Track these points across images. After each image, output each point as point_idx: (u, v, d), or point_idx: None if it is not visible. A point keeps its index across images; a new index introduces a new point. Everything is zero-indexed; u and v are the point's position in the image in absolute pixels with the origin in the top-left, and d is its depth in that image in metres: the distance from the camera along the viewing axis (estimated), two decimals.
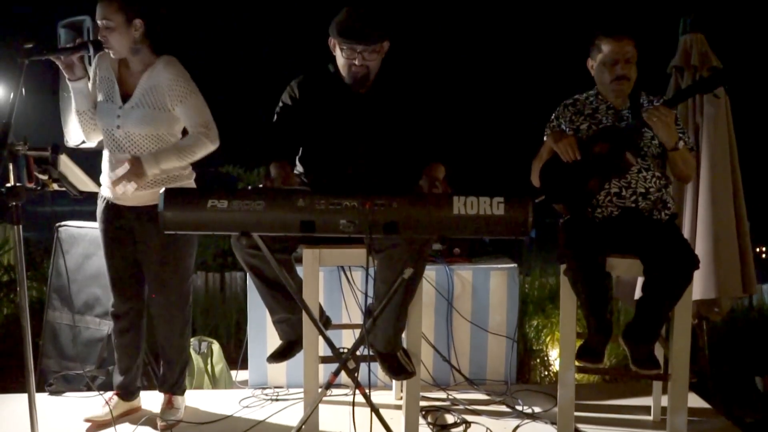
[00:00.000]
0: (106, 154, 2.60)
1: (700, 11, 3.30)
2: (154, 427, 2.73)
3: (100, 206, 2.68)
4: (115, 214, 2.61)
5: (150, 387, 3.08)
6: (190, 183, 2.66)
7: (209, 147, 2.55)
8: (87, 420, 2.71)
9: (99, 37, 2.47)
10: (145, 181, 2.46)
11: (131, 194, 2.47)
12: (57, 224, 3.30)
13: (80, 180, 2.48)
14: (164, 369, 2.80)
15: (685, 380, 2.53)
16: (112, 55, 2.52)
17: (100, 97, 2.57)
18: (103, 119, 2.55)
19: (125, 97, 2.53)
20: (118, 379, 2.82)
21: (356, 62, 2.49)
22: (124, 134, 2.52)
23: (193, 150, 2.51)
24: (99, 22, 2.46)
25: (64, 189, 2.60)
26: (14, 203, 2.16)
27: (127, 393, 2.83)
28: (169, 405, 2.80)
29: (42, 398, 2.99)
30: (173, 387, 2.81)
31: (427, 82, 2.71)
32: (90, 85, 2.58)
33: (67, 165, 2.36)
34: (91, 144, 2.68)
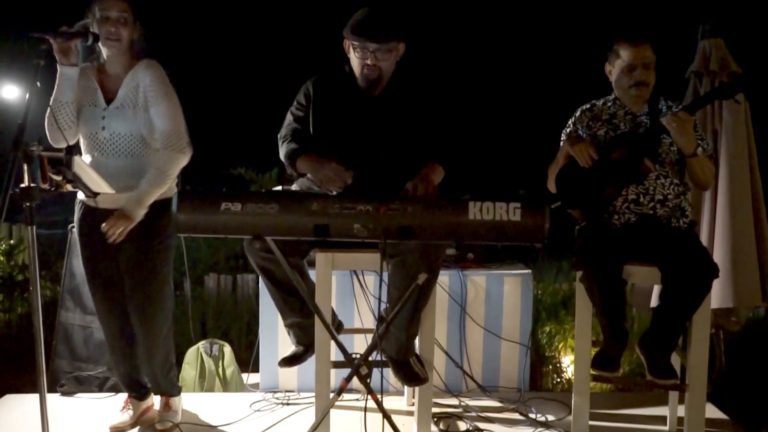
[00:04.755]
0: (86, 159, 2.57)
1: (719, 16, 3.26)
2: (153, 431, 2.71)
3: (79, 213, 2.64)
4: (99, 219, 2.56)
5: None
6: (173, 189, 2.65)
7: (182, 161, 2.56)
8: (114, 429, 2.70)
9: (110, 30, 2.46)
10: (132, 224, 2.46)
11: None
12: (70, 225, 3.30)
13: (94, 181, 2.46)
14: (154, 373, 2.75)
15: (702, 391, 2.49)
16: (108, 49, 2.50)
17: (81, 105, 2.55)
18: (87, 124, 2.54)
19: (108, 100, 2.54)
20: (129, 383, 2.79)
21: (369, 62, 2.47)
22: (108, 135, 2.52)
23: (168, 172, 2.52)
24: (110, 13, 2.45)
25: (77, 190, 2.60)
26: (28, 204, 2.16)
27: (142, 393, 2.82)
28: (166, 408, 2.79)
29: (53, 399, 2.99)
30: (168, 389, 2.79)
31: (441, 87, 2.69)
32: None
33: (80, 166, 2.35)
34: (56, 145, 2.51)
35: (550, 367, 3.88)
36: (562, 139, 2.81)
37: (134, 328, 2.66)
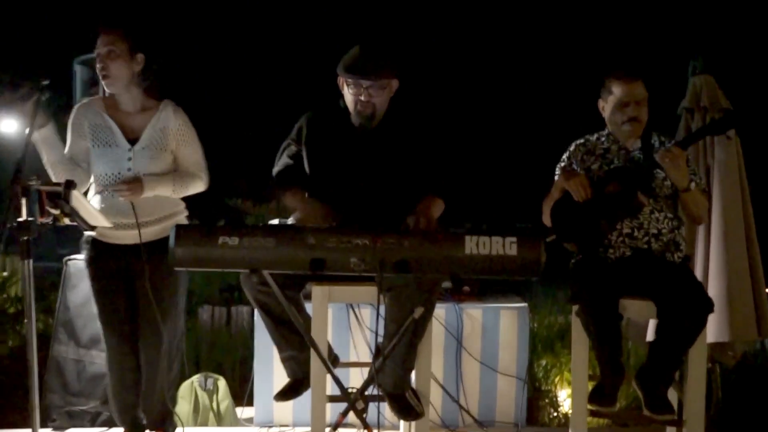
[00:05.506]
0: (99, 198, 2.58)
1: (709, 53, 3.32)
2: None
3: (90, 251, 2.63)
4: (111, 255, 2.59)
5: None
6: (184, 219, 2.69)
7: (200, 186, 2.67)
8: None
9: (98, 65, 2.48)
10: (137, 197, 2.50)
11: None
12: (66, 258, 3.30)
13: (91, 214, 2.48)
14: (154, 405, 2.71)
15: (700, 426, 2.48)
16: (106, 87, 2.53)
17: (94, 146, 2.55)
18: (108, 163, 2.54)
19: (130, 139, 2.55)
20: (126, 417, 2.75)
21: (362, 98, 2.50)
22: (134, 176, 2.53)
23: (187, 184, 2.62)
24: (99, 49, 2.47)
25: (75, 224, 2.60)
26: (25, 238, 2.16)
27: (136, 428, 2.77)
28: None
29: None
30: (164, 423, 2.76)
31: (435, 120, 2.73)
32: (72, 138, 2.56)
33: (78, 200, 2.36)
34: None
35: (547, 401, 3.84)
36: (556, 173, 2.84)
37: (144, 361, 2.65)
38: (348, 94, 2.55)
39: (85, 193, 2.58)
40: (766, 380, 3.92)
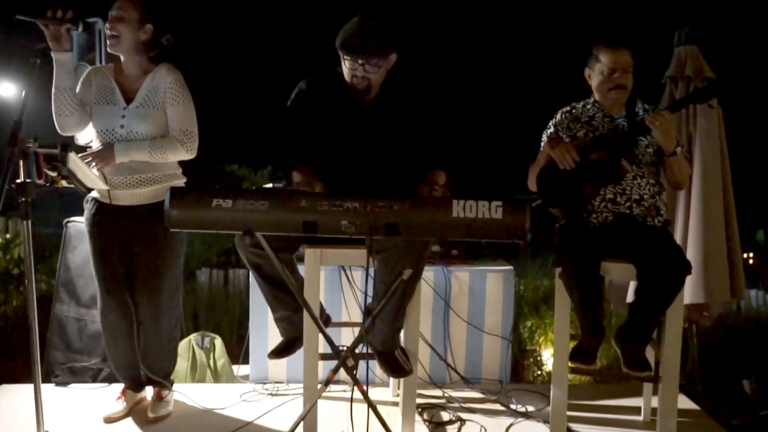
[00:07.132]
0: None
1: (695, 24, 3.36)
2: (145, 420, 2.77)
3: (91, 210, 2.70)
4: (110, 215, 2.65)
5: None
6: (181, 184, 2.73)
7: (181, 153, 2.64)
8: (107, 419, 2.75)
9: (108, 26, 2.55)
10: (110, 166, 2.57)
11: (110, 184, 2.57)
12: (66, 220, 3.37)
13: (88, 177, 2.54)
14: (152, 364, 2.80)
15: (675, 382, 2.57)
16: (109, 48, 2.60)
17: (96, 102, 2.63)
18: (103, 120, 2.61)
19: (128, 99, 2.62)
20: (123, 375, 2.86)
21: (357, 74, 2.53)
22: (125, 134, 2.59)
23: (164, 149, 2.60)
24: (113, 12, 2.54)
25: (72, 186, 2.67)
26: (24, 199, 2.23)
27: (137, 385, 2.89)
28: (158, 398, 2.84)
29: (48, 389, 3.05)
30: (163, 383, 2.85)
31: (429, 90, 2.74)
32: (80, 86, 2.64)
33: (75, 163, 2.42)
34: (63, 133, 2.64)
35: (531, 360, 3.97)
36: (542, 140, 2.90)
37: (142, 322, 2.73)
38: (344, 67, 2.57)
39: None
40: (740, 340, 4.06)
